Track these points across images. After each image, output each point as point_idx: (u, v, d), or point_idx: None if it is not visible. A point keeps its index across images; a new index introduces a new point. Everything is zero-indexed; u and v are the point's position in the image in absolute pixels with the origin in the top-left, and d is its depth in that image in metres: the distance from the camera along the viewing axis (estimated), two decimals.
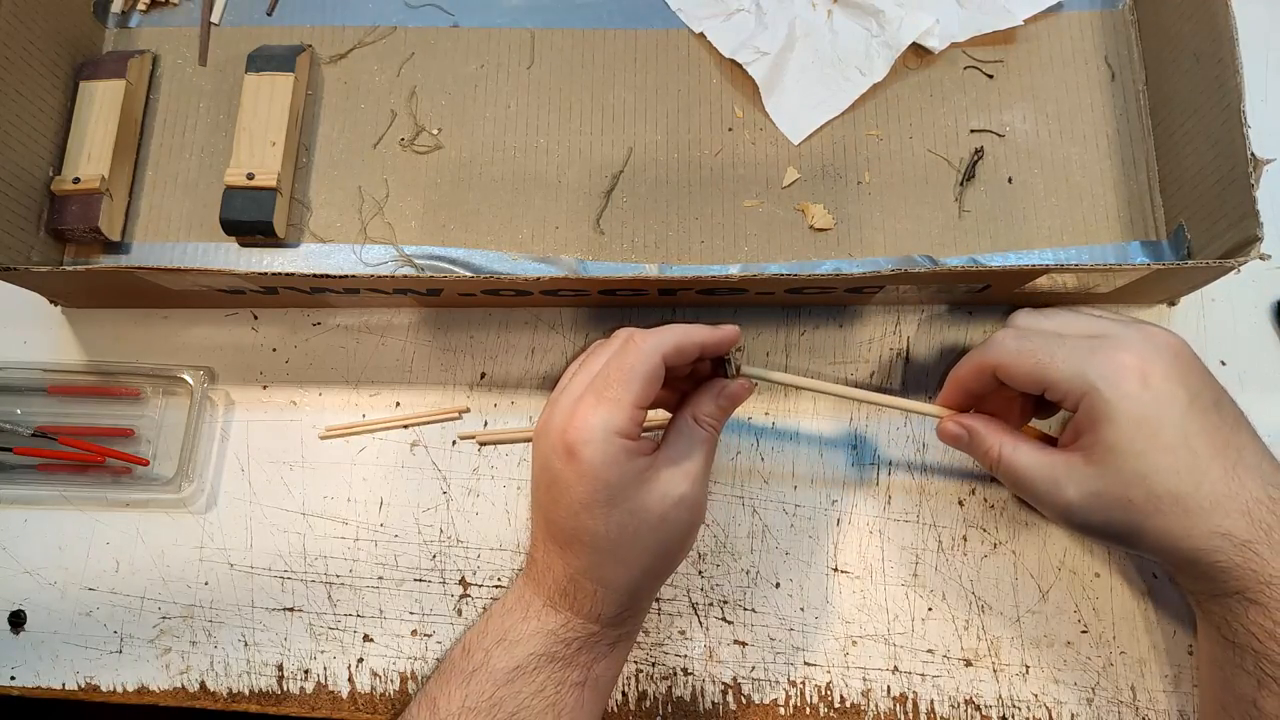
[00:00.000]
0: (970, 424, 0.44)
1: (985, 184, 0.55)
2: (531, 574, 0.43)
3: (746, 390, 0.44)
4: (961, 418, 0.45)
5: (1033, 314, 0.45)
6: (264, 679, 0.50)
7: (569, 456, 0.39)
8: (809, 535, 0.51)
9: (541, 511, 0.42)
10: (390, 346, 0.55)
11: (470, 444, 0.53)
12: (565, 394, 0.41)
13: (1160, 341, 0.40)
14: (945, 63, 0.57)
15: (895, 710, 0.49)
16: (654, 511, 0.40)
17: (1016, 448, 0.42)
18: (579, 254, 0.54)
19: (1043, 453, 0.42)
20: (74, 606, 0.52)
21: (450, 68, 0.58)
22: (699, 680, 0.49)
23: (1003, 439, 0.43)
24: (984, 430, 0.43)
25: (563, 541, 0.41)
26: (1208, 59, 0.49)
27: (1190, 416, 0.38)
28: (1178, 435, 0.38)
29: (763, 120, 0.56)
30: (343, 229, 0.55)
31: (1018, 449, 0.42)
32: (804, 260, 0.54)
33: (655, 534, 0.41)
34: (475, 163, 0.56)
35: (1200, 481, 0.38)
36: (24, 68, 0.53)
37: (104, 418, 0.54)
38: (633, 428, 0.40)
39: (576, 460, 0.39)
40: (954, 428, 0.45)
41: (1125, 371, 0.38)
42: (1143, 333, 0.41)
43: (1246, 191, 0.45)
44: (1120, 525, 0.40)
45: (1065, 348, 0.40)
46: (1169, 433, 0.38)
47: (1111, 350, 0.39)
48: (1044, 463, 0.41)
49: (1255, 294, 0.54)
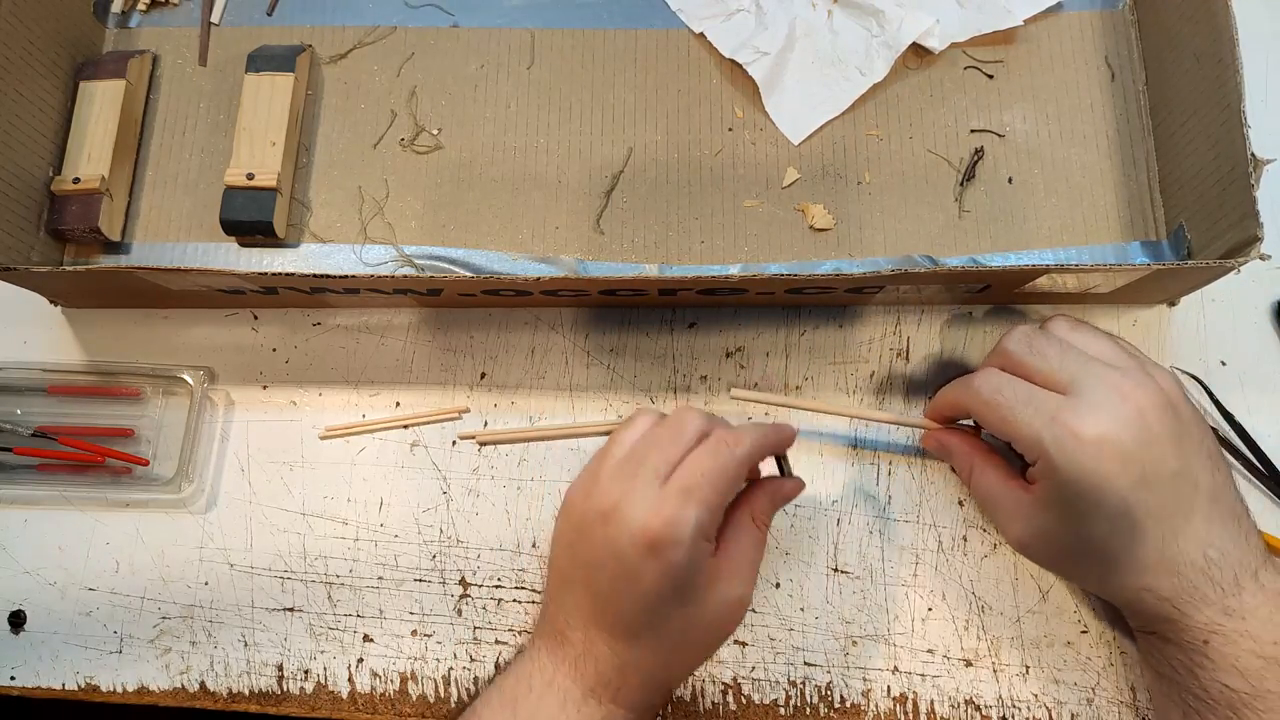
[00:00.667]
0: (949, 441, 0.47)
1: (985, 184, 0.55)
2: (564, 655, 0.41)
3: (799, 489, 0.46)
4: (943, 434, 0.47)
5: (1025, 339, 0.43)
6: (264, 679, 0.50)
7: (653, 552, 0.38)
8: (809, 535, 0.51)
9: (598, 596, 0.40)
10: (390, 346, 0.55)
11: (470, 444, 0.53)
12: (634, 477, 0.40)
13: (1134, 405, 0.39)
14: (945, 63, 0.57)
15: (895, 710, 0.49)
16: (716, 612, 0.41)
17: (984, 472, 0.44)
18: (579, 254, 0.54)
19: (1005, 483, 0.43)
20: (74, 606, 0.52)
21: (450, 68, 0.58)
22: (699, 680, 0.49)
23: (974, 461, 0.45)
24: (960, 450, 0.46)
25: (623, 632, 0.40)
26: (1208, 59, 0.49)
27: (1137, 490, 0.39)
28: (1120, 507, 0.39)
29: (763, 120, 0.56)
30: (343, 229, 0.55)
31: (985, 473, 0.44)
32: (804, 260, 0.54)
33: (712, 633, 0.42)
34: (475, 163, 0.56)
35: (1133, 547, 0.39)
36: (24, 68, 0.53)
37: (104, 418, 0.54)
38: (715, 531, 0.40)
39: (662, 558, 0.38)
40: (933, 442, 0.48)
41: (1081, 446, 0.39)
42: (1118, 393, 0.39)
43: (1246, 191, 0.45)
44: (1056, 566, 0.45)
45: (1030, 408, 0.40)
46: (1112, 503, 0.39)
47: (1073, 418, 0.39)
48: (1003, 493, 0.43)
49: (1255, 294, 0.54)
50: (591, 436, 0.53)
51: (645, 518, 0.38)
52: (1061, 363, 0.41)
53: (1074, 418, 0.39)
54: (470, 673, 0.50)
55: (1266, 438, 0.51)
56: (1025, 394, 0.41)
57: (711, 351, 0.54)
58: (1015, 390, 0.41)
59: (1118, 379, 0.40)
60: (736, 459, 0.40)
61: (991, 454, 0.45)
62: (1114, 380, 0.40)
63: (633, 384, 0.54)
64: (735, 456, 0.40)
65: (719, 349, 0.54)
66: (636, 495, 0.39)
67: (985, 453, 0.45)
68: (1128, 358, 0.42)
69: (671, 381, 0.54)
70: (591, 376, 0.54)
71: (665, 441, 0.41)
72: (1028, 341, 0.43)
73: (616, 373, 0.54)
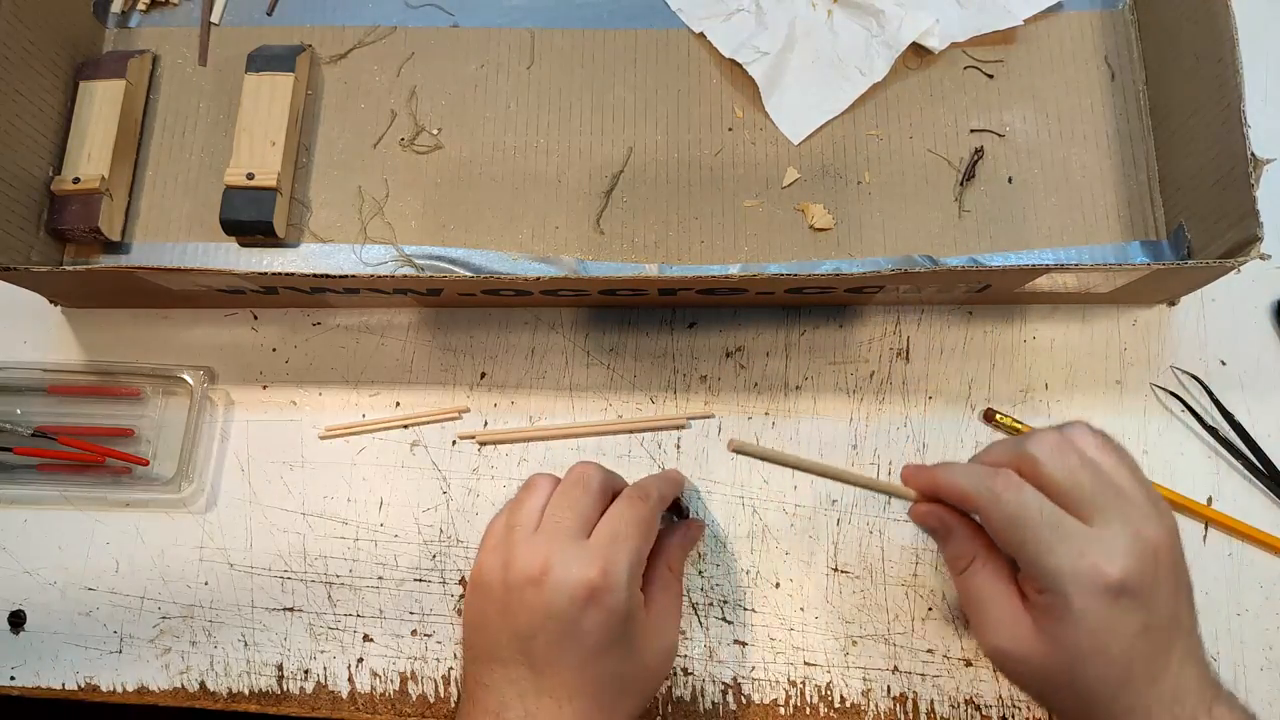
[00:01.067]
0: (952, 524, 0.42)
1: (985, 184, 0.55)
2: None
3: (703, 529, 0.50)
4: (949, 514, 0.42)
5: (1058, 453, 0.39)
6: (264, 679, 0.50)
7: (593, 601, 0.39)
8: (809, 535, 0.51)
9: (536, 663, 0.40)
10: (390, 346, 0.55)
11: (470, 444, 0.53)
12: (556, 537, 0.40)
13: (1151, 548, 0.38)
14: (945, 63, 0.57)
15: (895, 710, 0.49)
16: (651, 660, 0.42)
17: (985, 573, 0.41)
18: (579, 254, 0.54)
19: (1007, 593, 0.40)
20: (74, 606, 0.52)
21: (450, 68, 0.58)
22: (699, 680, 0.49)
23: (977, 552, 0.41)
24: (964, 538, 0.42)
25: (566, 694, 0.39)
26: (1208, 59, 0.49)
27: (1141, 638, 0.38)
28: (1122, 653, 0.38)
29: (763, 120, 0.56)
30: (343, 229, 0.55)
31: (984, 574, 0.41)
32: (804, 260, 0.54)
33: (649, 682, 0.43)
34: (475, 163, 0.56)
35: (1121, 692, 0.38)
36: (24, 68, 0.53)
37: (104, 418, 0.54)
38: (641, 579, 0.41)
39: (602, 606, 0.39)
40: (934, 519, 0.42)
41: (1101, 591, 0.37)
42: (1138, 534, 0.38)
43: (1246, 191, 0.45)
44: (1030, 688, 0.41)
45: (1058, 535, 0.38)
46: (1115, 649, 0.38)
47: (1101, 559, 0.37)
48: (1000, 603, 0.40)
49: (1255, 294, 0.54)
50: (591, 436, 0.53)
51: (581, 571, 0.39)
52: (1093, 489, 0.38)
53: (1101, 559, 0.37)
54: None
55: (1266, 438, 0.51)
56: (1054, 519, 0.38)
57: (711, 351, 0.54)
58: (1044, 512, 0.38)
59: (1138, 517, 0.38)
60: (651, 507, 0.43)
61: (996, 553, 0.41)
62: (1135, 518, 0.38)
63: (632, 384, 0.54)
64: (650, 504, 0.43)
65: (719, 349, 0.54)
66: (566, 553, 0.40)
67: (989, 549, 0.41)
68: (1141, 488, 0.40)
69: (671, 381, 0.54)
70: (591, 376, 0.54)
71: (577, 499, 0.42)
72: (1061, 457, 0.39)
73: (616, 373, 0.54)
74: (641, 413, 0.53)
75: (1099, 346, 0.53)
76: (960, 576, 0.42)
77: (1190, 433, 0.52)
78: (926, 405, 0.53)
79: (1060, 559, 0.37)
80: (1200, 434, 0.52)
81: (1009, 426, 0.52)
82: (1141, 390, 0.53)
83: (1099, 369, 0.53)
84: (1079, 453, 0.40)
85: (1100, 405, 0.52)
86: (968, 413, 0.53)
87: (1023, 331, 0.54)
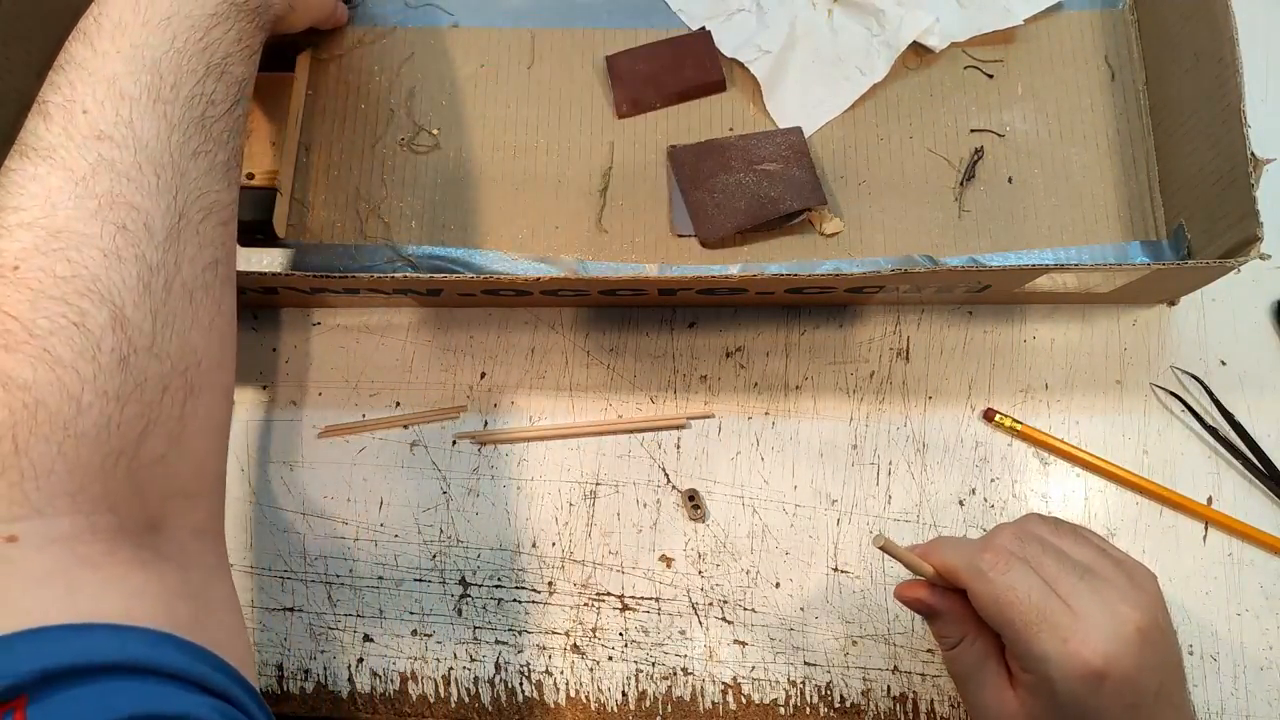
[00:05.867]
0: (949, 604, 0.42)
1: (985, 184, 0.55)
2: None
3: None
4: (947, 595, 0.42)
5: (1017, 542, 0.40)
6: (264, 679, 0.50)
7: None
8: (809, 535, 0.51)
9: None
10: (390, 346, 0.55)
11: (470, 444, 0.53)
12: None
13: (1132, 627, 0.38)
14: (945, 62, 0.57)
15: (895, 710, 0.49)
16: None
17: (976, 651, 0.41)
18: (579, 254, 0.54)
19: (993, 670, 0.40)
20: None
21: (450, 68, 0.58)
22: (699, 680, 0.49)
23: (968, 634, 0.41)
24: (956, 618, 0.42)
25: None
26: (1208, 59, 0.49)
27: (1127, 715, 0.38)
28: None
29: (763, 120, 0.56)
30: (342, 229, 0.55)
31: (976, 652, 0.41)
32: (804, 260, 0.54)
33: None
34: (475, 163, 0.56)
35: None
36: (24, 68, 0.52)
37: None
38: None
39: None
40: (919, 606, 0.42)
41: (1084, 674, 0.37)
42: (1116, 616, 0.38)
43: (1246, 191, 0.45)
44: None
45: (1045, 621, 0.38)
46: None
47: (1082, 646, 0.37)
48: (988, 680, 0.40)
49: (1255, 294, 0.54)
50: (591, 436, 0.53)
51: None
52: (1057, 574, 0.39)
53: (1082, 645, 0.37)
54: (470, 673, 0.50)
55: (1266, 438, 0.51)
56: (1041, 600, 0.38)
57: (711, 351, 0.54)
58: (1030, 593, 0.38)
59: (1115, 597, 0.39)
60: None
61: (987, 631, 0.41)
62: (1112, 598, 0.38)
63: (633, 384, 0.54)
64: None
65: (719, 349, 0.54)
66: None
67: (980, 627, 0.41)
68: (1109, 562, 0.40)
69: (671, 381, 0.54)
70: (591, 376, 0.54)
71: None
72: (1020, 546, 0.40)
73: (616, 372, 0.54)
74: (641, 413, 0.53)
75: (1099, 346, 0.53)
76: (955, 652, 0.42)
77: (1190, 433, 0.52)
78: (926, 405, 0.53)
79: (1045, 644, 0.37)
80: (1200, 434, 0.52)
81: (1009, 426, 0.52)
82: (1141, 390, 0.53)
83: (1099, 369, 0.53)
84: (1043, 543, 0.40)
85: (1100, 405, 0.53)
86: (968, 412, 0.53)
87: (1023, 331, 0.54)
